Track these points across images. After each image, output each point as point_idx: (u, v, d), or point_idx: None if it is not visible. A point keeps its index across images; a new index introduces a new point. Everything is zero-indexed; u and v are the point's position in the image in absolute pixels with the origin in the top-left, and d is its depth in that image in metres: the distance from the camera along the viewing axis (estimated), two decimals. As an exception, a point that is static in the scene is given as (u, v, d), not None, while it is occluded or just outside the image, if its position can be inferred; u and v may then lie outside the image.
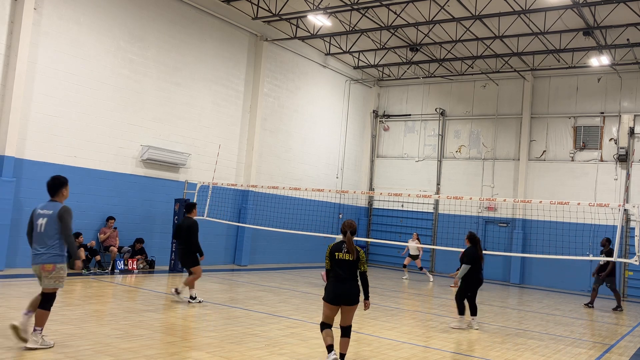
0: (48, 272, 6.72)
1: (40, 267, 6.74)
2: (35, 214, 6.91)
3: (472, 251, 10.59)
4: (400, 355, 8.06)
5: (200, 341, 7.74)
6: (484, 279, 10.78)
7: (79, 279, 12.73)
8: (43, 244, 6.77)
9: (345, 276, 6.60)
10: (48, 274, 6.72)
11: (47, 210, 6.88)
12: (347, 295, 6.56)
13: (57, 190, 7.14)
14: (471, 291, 10.63)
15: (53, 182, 7.17)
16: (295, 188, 17.16)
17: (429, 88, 24.51)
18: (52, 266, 6.72)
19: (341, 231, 6.78)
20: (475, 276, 10.52)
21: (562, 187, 21.00)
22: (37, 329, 6.68)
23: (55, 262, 6.74)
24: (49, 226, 6.79)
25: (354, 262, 6.63)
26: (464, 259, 10.57)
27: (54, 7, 13.67)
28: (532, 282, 21.25)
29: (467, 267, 10.45)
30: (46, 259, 6.73)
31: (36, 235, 6.81)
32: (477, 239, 10.72)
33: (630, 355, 9.42)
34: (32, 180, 13.34)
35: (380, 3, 16.67)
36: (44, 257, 6.74)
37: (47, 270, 6.72)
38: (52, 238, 6.77)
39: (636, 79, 20.37)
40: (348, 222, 6.81)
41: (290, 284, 15.32)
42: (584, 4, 15.14)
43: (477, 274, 10.54)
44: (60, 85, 13.85)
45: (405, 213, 24.00)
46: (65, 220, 6.83)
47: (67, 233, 6.83)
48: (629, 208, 10.90)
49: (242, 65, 18.92)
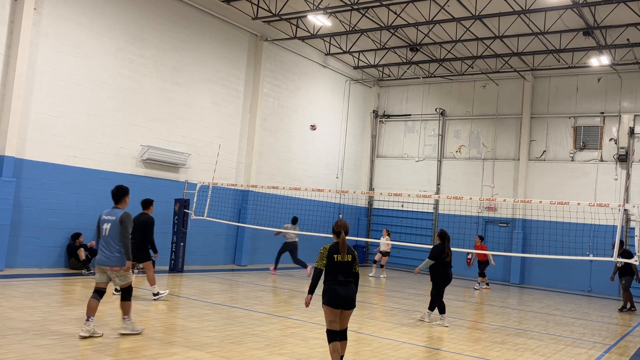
0: (115, 272, 7.62)
1: (108, 268, 7.60)
2: (101, 219, 7.75)
3: (438, 247, 10.73)
4: (400, 355, 8.06)
5: (200, 341, 7.74)
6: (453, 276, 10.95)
7: (79, 279, 12.74)
8: (108, 246, 7.59)
9: (346, 279, 6.49)
10: (116, 274, 7.63)
11: (110, 216, 7.69)
12: (350, 299, 6.45)
13: (120, 198, 7.90)
14: (441, 287, 10.70)
15: (117, 190, 7.93)
16: (295, 188, 17.16)
17: (429, 88, 24.51)
18: (118, 267, 7.60)
19: (334, 232, 6.65)
20: (444, 273, 10.63)
21: (562, 187, 21.00)
22: (126, 317, 7.73)
23: (120, 264, 7.59)
24: (112, 230, 7.60)
25: (351, 263, 6.54)
26: (430, 254, 10.76)
27: (54, 7, 13.67)
28: (532, 282, 21.25)
29: (430, 261, 10.64)
30: (112, 262, 7.57)
31: (102, 238, 7.63)
32: (447, 237, 10.81)
33: (630, 355, 9.42)
34: (32, 180, 13.35)
35: (380, 3, 16.67)
36: (109, 260, 7.57)
37: (114, 271, 7.61)
38: (115, 241, 7.57)
39: (636, 79, 20.37)
40: (342, 223, 6.68)
41: (290, 284, 15.32)
42: (584, 4, 15.13)
43: (445, 270, 10.65)
44: (60, 85, 13.85)
45: (405, 213, 24.00)
46: (125, 225, 7.63)
47: (125, 236, 7.61)
48: (629, 208, 10.90)
49: (242, 65, 18.92)
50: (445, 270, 10.66)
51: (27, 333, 7.31)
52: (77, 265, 13.71)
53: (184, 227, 15.89)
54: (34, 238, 13.44)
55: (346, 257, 6.51)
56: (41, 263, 13.60)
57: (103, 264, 7.59)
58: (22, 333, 7.28)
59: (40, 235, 13.55)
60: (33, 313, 8.54)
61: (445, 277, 10.65)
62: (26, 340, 6.93)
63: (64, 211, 14.04)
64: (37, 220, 13.49)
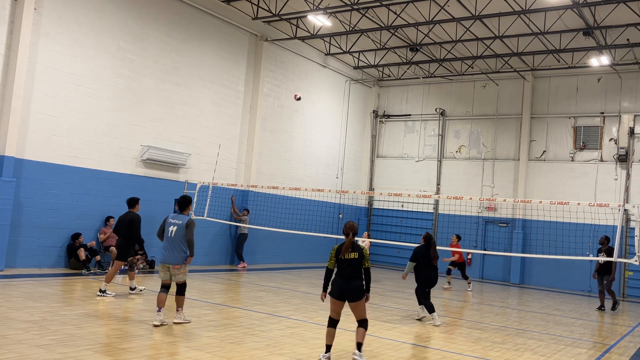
0: (177, 269, 8.69)
1: (171, 266, 8.69)
2: (167, 222, 8.87)
3: (420, 250, 11.01)
4: (400, 355, 8.06)
5: (200, 341, 7.74)
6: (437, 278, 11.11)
7: (79, 279, 12.74)
8: (172, 246, 8.70)
9: (351, 274, 7.09)
10: (177, 271, 8.70)
11: (177, 220, 8.82)
12: (351, 292, 7.06)
13: (186, 206, 9.12)
14: (425, 287, 10.85)
15: (183, 200, 9.13)
16: (295, 188, 17.16)
17: (429, 88, 24.51)
18: (180, 265, 8.70)
19: (343, 233, 7.30)
20: (427, 275, 10.79)
21: (562, 187, 20.99)
22: (179, 309, 8.79)
23: (181, 262, 8.69)
24: (177, 233, 8.69)
25: (359, 260, 7.11)
26: (412, 255, 11.06)
27: (54, 7, 13.67)
28: (532, 282, 21.25)
29: (412, 264, 10.96)
30: (175, 260, 8.68)
31: (167, 239, 8.73)
32: (432, 241, 11.10)
33: (631, 355, 9.42)
34: (32, 180, 13.35)
35: (380, 3, 16.67)
36: (173, 259, 8.69)
37: (175, 268, 8.69)
38: (179, 242, 8.68)
39: (636, 79, 20.37)
40: (350, 224, 7.30)
41: (290, 284, 15.33)
42: (584, 4, 15.13)
43: (429, 272, 10.82)
44: (60, 85, 13.85)
45: (405, 213, 23.99)
46: (191, 229, 8.77)
47: (190, 239, 8.76)
48: (629, 208, 10.90)
49: (242, 65, 18.92)
50: (429, 272, 10.82)
51: (27, 333, 7.31)
52: (77, 265, 13.72)
53: (184, 227, 15.87)
54: (34, 238, 13.44)
55: (351, 254, 7.11)
56: (41, 263, 13.60)
57: (167, 262, 8.71)
58: (22, 333, 7.28)
59: (40, 235, 13.56)
60: (33, 313, 8.54)
61: (428, 279, 10.80)
62: (26, 340, 6.93)
63: (64, 211, 14.04)
64: (37, 220, 13.49)
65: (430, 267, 10.86)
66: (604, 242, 14.88)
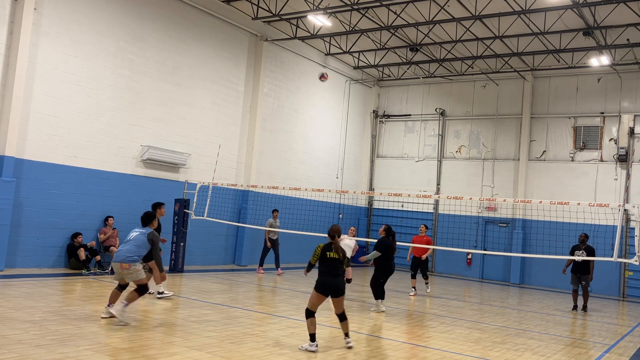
0: (125, 269, 8.72)
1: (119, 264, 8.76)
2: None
3: (384, 241, 11.80)
4: (400, 355, 8.07)
5: (200, 341, 7.74)
6: (395, 267, 11.98)
7: (79, 279, 12.74)
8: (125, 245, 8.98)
9: (334, 272, 7.86)
10: (126, 271, 8.73)
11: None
12: (336, 288, 7.86)
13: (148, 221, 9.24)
14: (384, 277, 11.71)
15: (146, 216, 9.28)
16: (295, 188, 17.14)
17: (429, 88, 24.51)
18: (127, 265, 8.69)
19: (329, 235, 8.03)
20: (388, 264, 11.68)
21: (562, 187, 20.99)
22: (124, 302, 8.60)
23: (127, 262, 8.73)
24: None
25: (341, 260, 7.90)
26: (377, 246, 11.77)
27: (54, 7, 13.67)
28: (532, 282, 21.25)
29: (378, 253, 11.62)
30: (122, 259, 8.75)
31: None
32: (393, 232, 12.05)
33: (631, 355, 9.42)
34: (32, 180, 13.35)
35: (380, 3, 16.67)
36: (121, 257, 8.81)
37: (123, 268, 8.71)
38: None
39: (636, 79, 20.37)
40: (336, 228, 8.08)
41: (290, 284, 15.33)
42: (584, 4, 15.14)
43: (389, 261, 11.71)
44: (60, 85, 13.84)
45: (405, 213, 23.99)
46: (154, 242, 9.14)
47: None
48: (629, 208, 10.89)
49: (242, 65, 18.92)
50: (389, 261, 11.71)
51: (27, 333, 7.31)
52: (77, 265, 13.71)
53: (184, 227, 15.89)
54: (34, 238, 13.44)
55: (335, 254, 7.88)
56: (41, 263, 13.60)
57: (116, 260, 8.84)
58: (22, 333, 7.28)
59: (40, 235, 13.56)
60: (33, 313, 8.54)
61: (389, 268, 11.69)
62: (26, 340, 6.93)
63: (64, 211, 14.04)
64: (37, 220, 13.49)
65: (390, 257, 11.73)
66: (584, 240, 14.54)
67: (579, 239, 14.69)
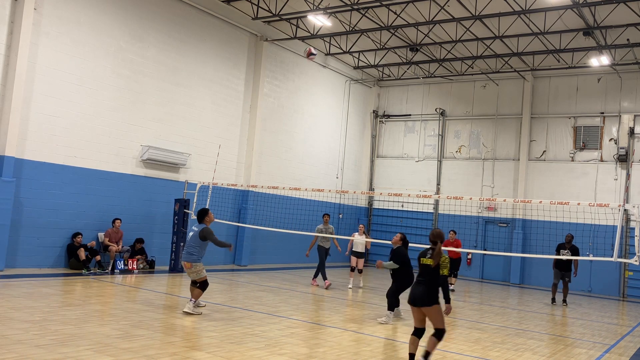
0: (188, 268, 9.80)
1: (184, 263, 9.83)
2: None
3: (401, 250, 10.87)
4: (400, 355, 8.06)
5: (200, 341, 7.74)
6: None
7: (79, 279, 12.74)
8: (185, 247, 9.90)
9: (422, 279, 7.05)
10: (189, 270, 9.78)
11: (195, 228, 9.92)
12: (420, 297, 6.97)
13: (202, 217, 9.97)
14: (403, 289, 10.64)
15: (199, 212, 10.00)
16: (295, 188, 17.14)
17: (429, 88, 24.51)
18: (190, 264, 9.76)
19: (430, 241, 7.19)
20: (408, 275, 10.67)
21: (562, 187, 20.99)
22: (192, 299, 9.70)
23: (191, 261, 9.75)
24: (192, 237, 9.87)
25: (435, 267, 6.98)
26: (395, 257, 10.78)
27: (54, 7, 13.67)
28: (532, 282, 21.24)
29: (395, 265, 10.70)
30: (185, 259, 9.82)
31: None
32: (407, 241, 11.11)
33: (630, 355, 9.42)
34: (32, 180, 13.35)
35: (380, 3, 16.67)
36: (184, 257, 9.89)
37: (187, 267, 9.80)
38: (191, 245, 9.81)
39: (636, 79, 20.36)
40: (437, 232, 7.20)
41: (290, 284, 15.33)
42: (584, 4, 15.13)
43: (409, 271, 10.73)
44: (60, 85, 13.84)
45: (405, 213, 23.99)
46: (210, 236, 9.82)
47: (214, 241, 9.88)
48: (629, 208, 10.89)
49: (242, 65, 18.92)
50: (409, 271, 10.74)
51: (27, 333, 7.31)
52: (77, 265, 13.71)
53: (184, 227, 15.88)
54: (34, 238, 13.44)
55: (429, 260, 7.03)
56: (41, 263, 13.60)
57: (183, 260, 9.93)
58: (22, 333, 7.28)
59: (40, 235, 13.56)
60: (33, 313, 8.54)
61: (409, 279, 10.51)
62: (26, 340, 6.93)
63: (64, 211, 14.04)
64: (37, 220, 13.49)
65: (410, 269, 10.78)
66: (570, 241, 15.63)
67: (565, 239, 15.72)
